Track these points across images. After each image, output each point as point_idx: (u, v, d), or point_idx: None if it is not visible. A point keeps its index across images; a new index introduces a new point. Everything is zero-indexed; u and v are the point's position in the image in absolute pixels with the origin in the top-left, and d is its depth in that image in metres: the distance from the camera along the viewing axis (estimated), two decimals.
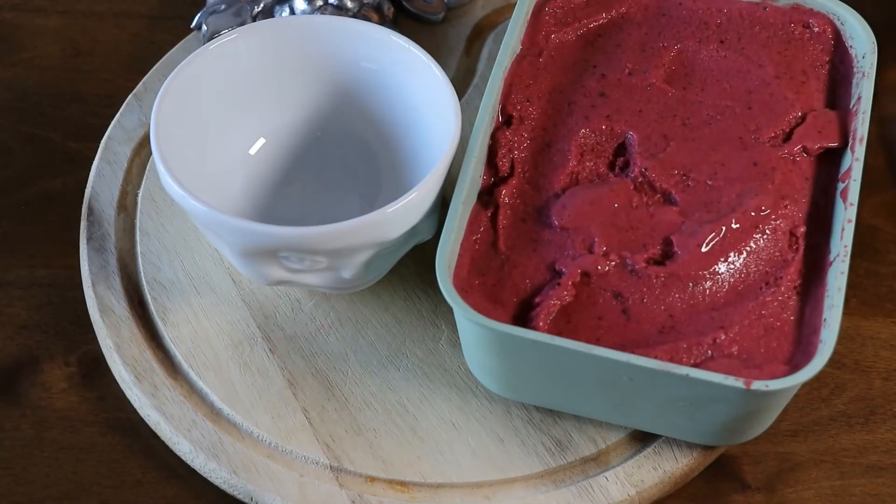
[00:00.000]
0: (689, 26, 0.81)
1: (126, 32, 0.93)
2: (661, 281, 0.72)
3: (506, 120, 0.77)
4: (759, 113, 0.77)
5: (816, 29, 0.80)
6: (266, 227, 0.71)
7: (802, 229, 0.73)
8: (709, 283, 0.72)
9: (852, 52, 0.79)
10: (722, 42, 0.80)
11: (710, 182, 0.74)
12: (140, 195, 0.83)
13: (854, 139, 0.75)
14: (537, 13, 0.81)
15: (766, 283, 0.72)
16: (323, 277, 0.75)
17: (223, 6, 0.88)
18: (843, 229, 0.72)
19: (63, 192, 0.86)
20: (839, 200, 0.74)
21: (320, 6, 0.87)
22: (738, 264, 0.72)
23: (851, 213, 0.72)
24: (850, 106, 0.77)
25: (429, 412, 0.76)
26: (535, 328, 0.70)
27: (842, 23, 0.80)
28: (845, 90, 0.78)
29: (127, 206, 0.83)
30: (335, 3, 0.86)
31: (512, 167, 0.76)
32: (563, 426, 0.75)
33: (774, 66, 0.78)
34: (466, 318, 0.70)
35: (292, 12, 0.87)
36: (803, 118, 0.77)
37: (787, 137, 0.76)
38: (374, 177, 0.81)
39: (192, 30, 0.89)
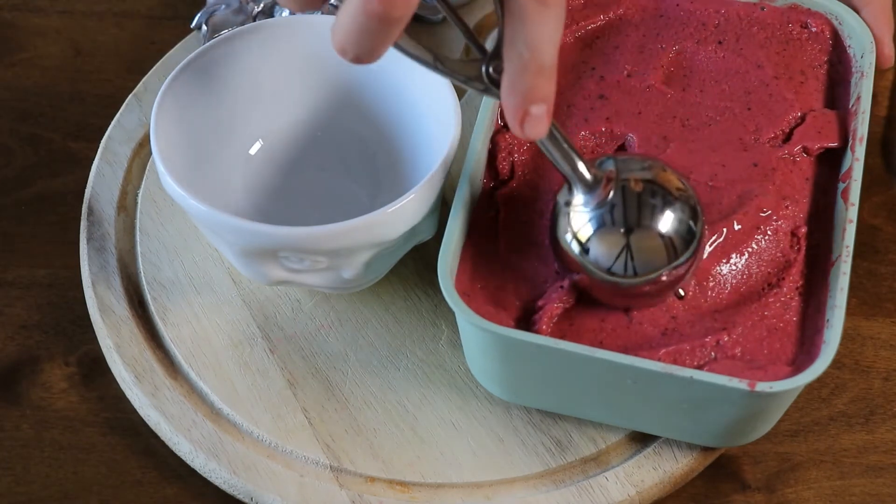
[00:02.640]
0: (687, 27, 0.80)
1: (126, 32, 0.93)
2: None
3: (505, 122, 0.77)
4: (758, 113, 0.77)
5: (814, 29, 0.80)
6: (266, 227, 0.71)
7: (804, 230, 0.73)
8: (711, 285, 0.72)
9: (851, 51, 0.79)
10: (720, 43, 0.80)
11: (710, 183, 0.74)
12: (140, 195, 0.83)
13: (854, 139, 0.75)
14: None
15: (769, 285, 0.72)
16: (323, 277, 0.75)
17: (223, 6, 0.88)
18: (844, 229, 0.72)
19: (63, 192, 0.85)
20: (840, 201, 0.74)
21: None
22: (739, 266, 0.72)
23: (853, 213, 0.72)
24: (850, 106, 0.77)
25: (429, 412, 0.76)
26: (538, 332, 0.70)
27: (840, 22, 0.80)
28: (844, 90, 0.78)
29: (127, 206, 0.83)
30: (335, 3, 0.86)
31: (512, 170, 0.76)
32: (563, 426, 0.75)
33: (773, 67, 0.78)
34: (469, 323, 0.69)
35: (292, 12, 0.87)
36: (803, 118, 0.77)
37: (787, 138, 0.76)
38: (374, 177, 0.81)
39: (192, 30, 0.89)
